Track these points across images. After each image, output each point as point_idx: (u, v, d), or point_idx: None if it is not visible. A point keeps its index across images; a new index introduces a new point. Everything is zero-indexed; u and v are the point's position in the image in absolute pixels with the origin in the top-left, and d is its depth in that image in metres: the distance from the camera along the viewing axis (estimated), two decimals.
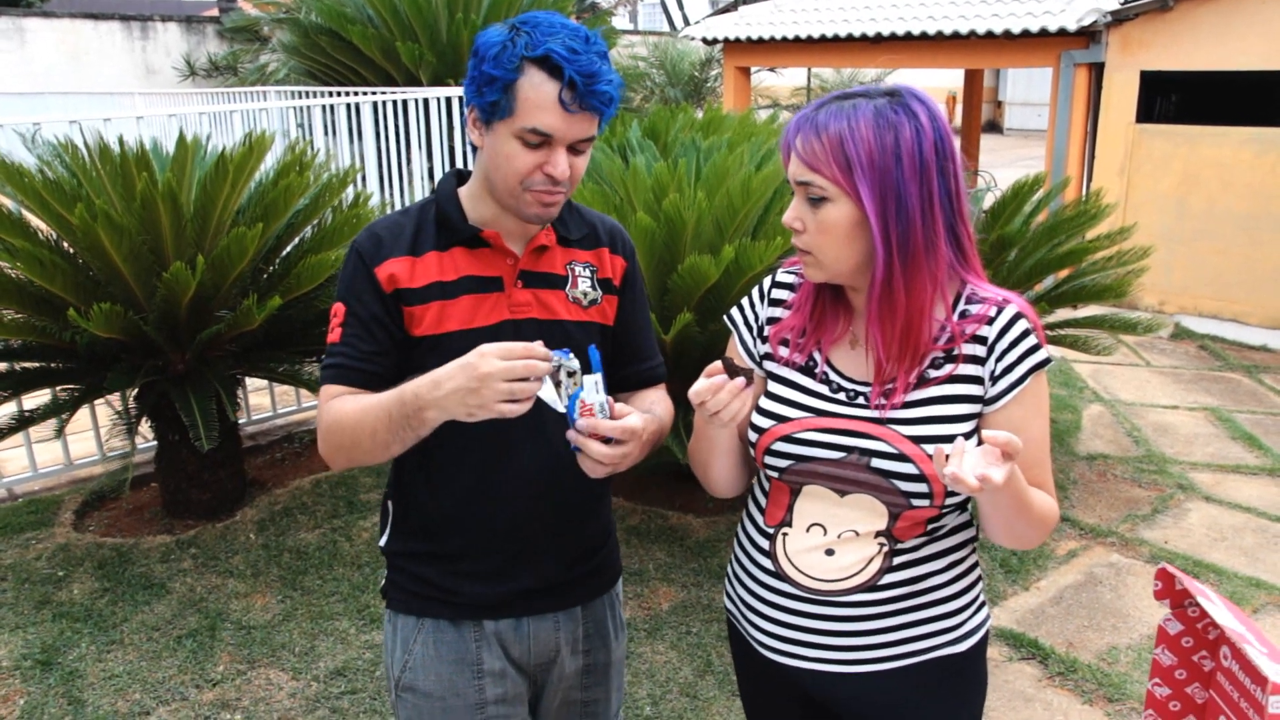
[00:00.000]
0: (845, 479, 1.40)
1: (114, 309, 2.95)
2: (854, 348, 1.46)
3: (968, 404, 1.39)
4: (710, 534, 3.93)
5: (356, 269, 1.53)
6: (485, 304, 1.53)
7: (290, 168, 3.50)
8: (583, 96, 1.39)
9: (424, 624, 1.61)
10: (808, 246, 1.39)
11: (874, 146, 1.31)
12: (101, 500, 4.14)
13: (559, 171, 1.44)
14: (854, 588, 1.43)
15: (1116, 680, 3.16)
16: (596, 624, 1.72)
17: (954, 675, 1.51)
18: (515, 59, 1.39)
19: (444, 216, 1.54)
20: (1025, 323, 1.39)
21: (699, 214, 3.33)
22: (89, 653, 3.11)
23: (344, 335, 1.52)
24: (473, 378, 1.31)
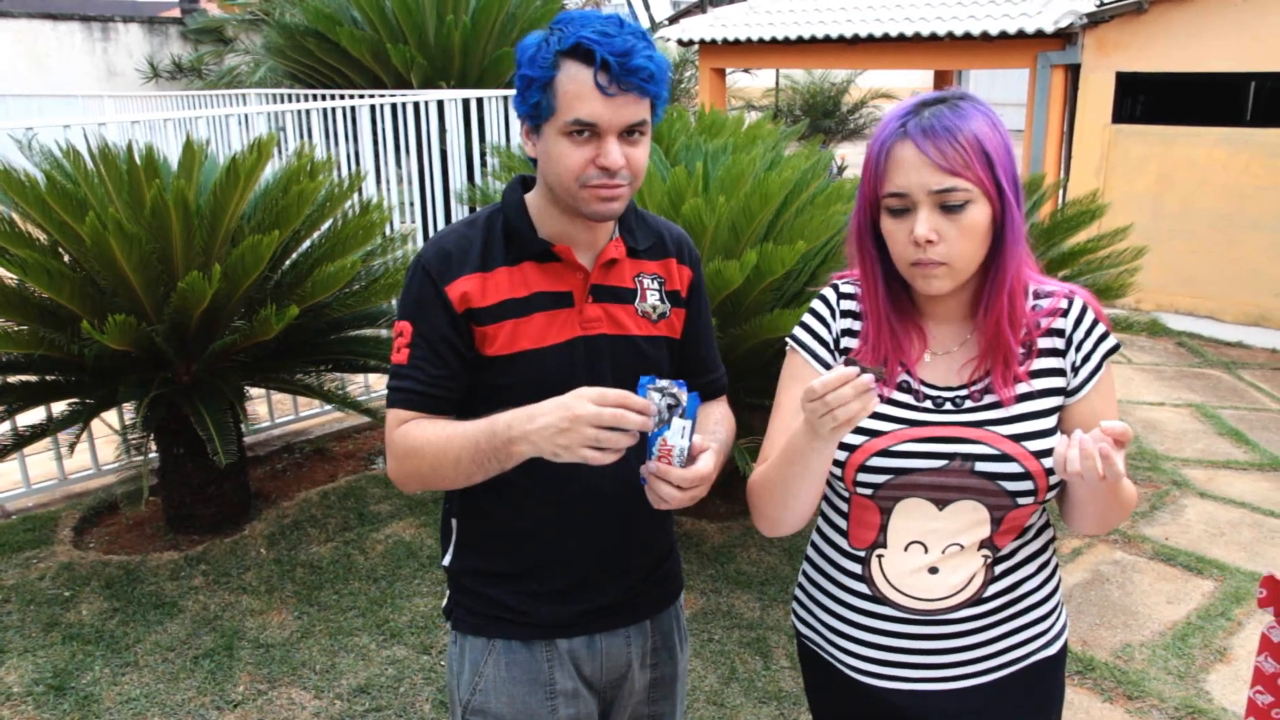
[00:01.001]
0: (948, 487, 1.38)
1: (128, 321, 2.87)
2: (932, 359, 1.44)
3: (1054, 397, 1.40)
4: (725, 539, 3.91)
5: (424, 287, 1.47)
6: (557, 320, 1.49)
7: (299, 172, 3.43)
8: (619, 77, 1.35)
9: (494, 645, 1.57)
10: (944, 257, 1.33)
11: (999, 143, 1.33)
12: (100, 516, 4.03)
13: (611, 161, 1.39)
14: (960, 603, 1.42)
15: (1134, 678, 3.19)
16: (664, 636, 1.69)
17: (1047, 678, 1.51)
18: (550, 56, 1.37)
19: (512, 229, 1.50)
20: (1093, 312, 1.41)
21: (718, 219, 3.31)
22: (103, 676, 3.02)
23: (412, 358, 1.48)
24: (565, 418, 1.29)
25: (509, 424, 1.35)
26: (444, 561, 1.64)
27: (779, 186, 3.33)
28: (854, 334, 1.49)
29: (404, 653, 3.17)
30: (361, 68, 7.51)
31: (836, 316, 1.51)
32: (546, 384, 1.47)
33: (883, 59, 9.44)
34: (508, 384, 1.48)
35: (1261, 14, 6.96)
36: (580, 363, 1.51)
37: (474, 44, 6.36)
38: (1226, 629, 3.46)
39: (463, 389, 1.50)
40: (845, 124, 15.00)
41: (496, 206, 1.55)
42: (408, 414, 1.48)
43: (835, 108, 15.01)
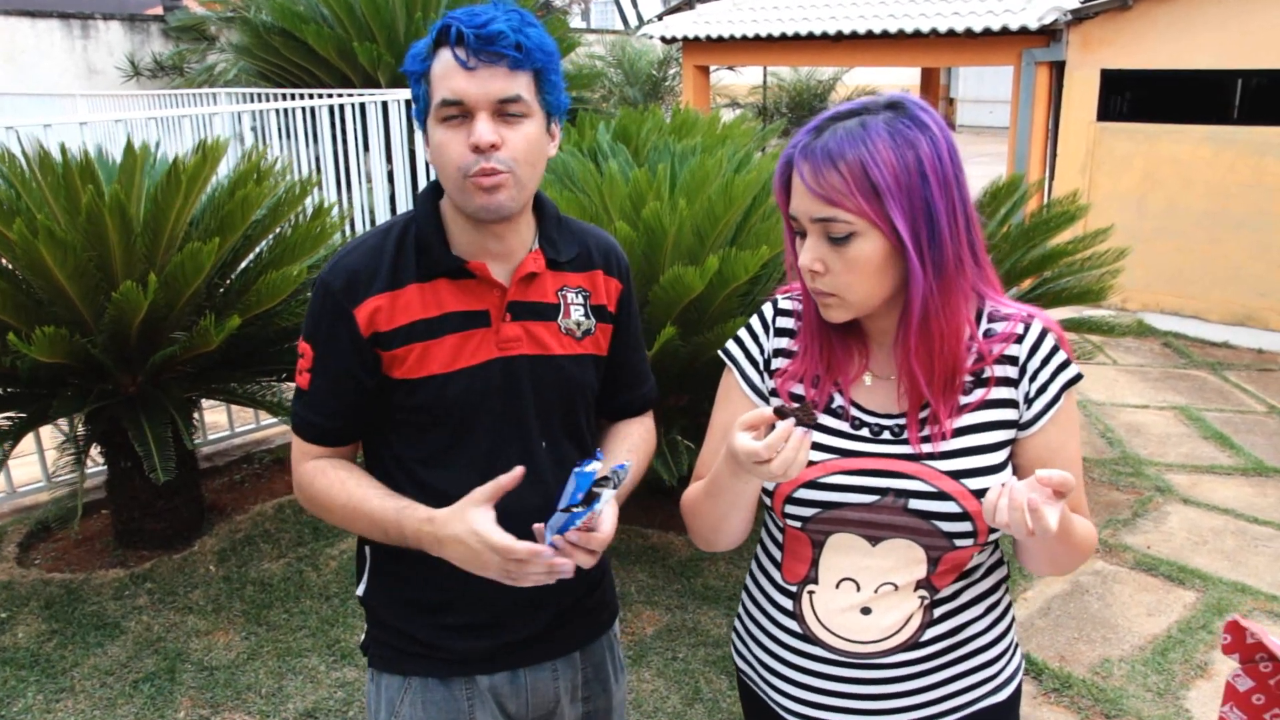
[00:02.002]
0: (879, 524, 1.28)
1: (58, 332, 2.74)
2: (873, 381, 1.33)
3: (1003, 430, 1.28)
4: (692, 553, 3.80)
5: (327, 310, 1.39)
6: (471, 341, 1.40)
7: (247, 176, 3.30)
8: (477, 49, 1.27)
9: (410, 683, 1.48)
10: (832, 289, 1.23)
11: (898, 168, 1.17)
12: (48, 530, 3.90)
13: (481, 138, 1.28)
14: (894, 647, 1.32)
15: (1112, 695, 3.10)
16: (596, 668, 1.60)
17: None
18: (424, 48, 1.33)
19: (424, 242, 1.40)
20: (1053, 338, 1.29)
21: (680, 222, 3.20)
22: (36, 703, 2.89)
23: (312, 384, 1.43)
24: (471, 558, 1.29)
25: (417, 535, 1.34)
26: (358, 591, 1.56)
27: (744, 189, 3.22)
28: (787, 354, 1.38)
29: (354, 674, 3.06)
30: (330, 66, 7.39)
31: (770, 334, 1.41)
32: (457, 408, 1.40)
33: (867, 56, 9.35)
34: (416, 406, 1.41)
35: (1247, 10, 6.88)
36: (496, 386, 1.42)
37: None
38: (1208, 643, 3.37)
39: (364, 417, 1.46)
40: None
41: (408, 215, 1.45)
42: (310, 446, 1.46)
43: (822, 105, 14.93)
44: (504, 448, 1.43)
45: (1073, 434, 1.30)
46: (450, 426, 1.42)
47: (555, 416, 1.48)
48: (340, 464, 1.45)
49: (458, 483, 1.40)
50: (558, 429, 1.48)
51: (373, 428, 1.48)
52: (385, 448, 1.47)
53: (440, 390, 1.39)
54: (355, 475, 1.43)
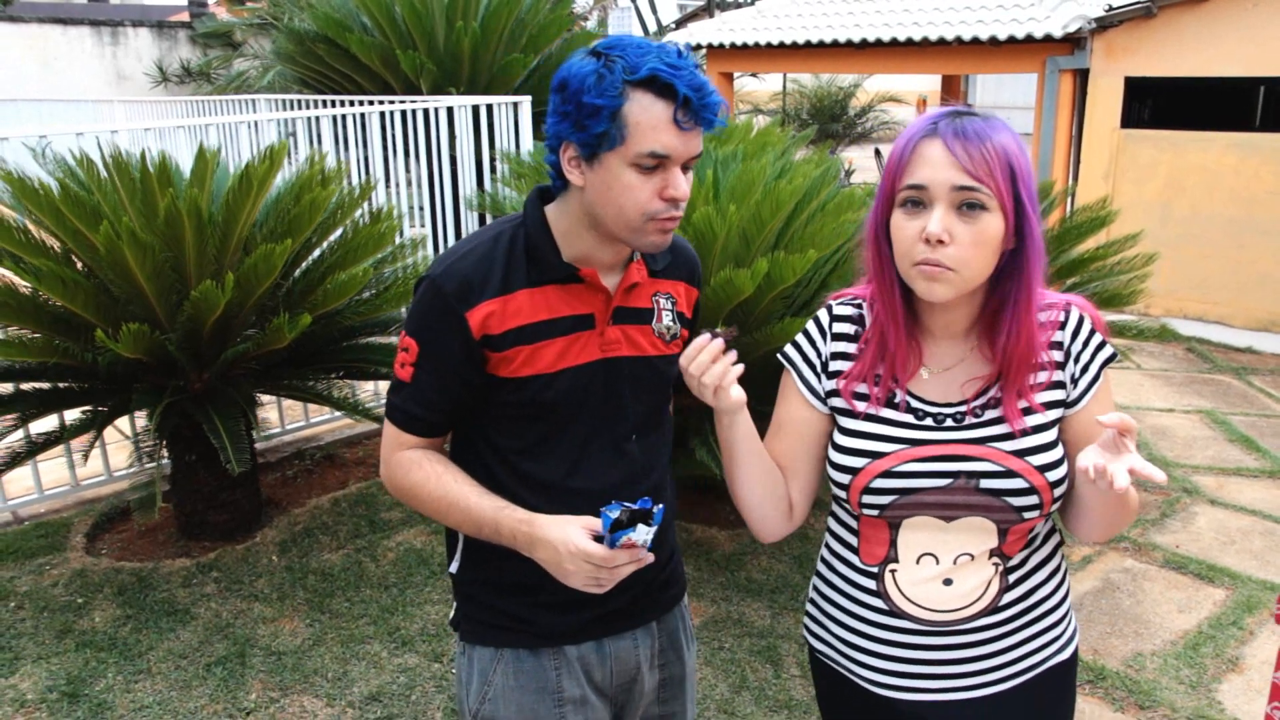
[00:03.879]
0: (954, 504, 1.39)
1: (142, 329, 2.88)
2: (930, 375, 1.45)
3: (1057, 410, 1.41)
4: (735, 547, 3.91)
5: (441, 311, 1.46)
6: (577, 343, 1.50)
7: (310, 180, 3.44)
8: (697, 112, 1.36)
9: (503, 654, 1.58)
10: (953, 261, 1.32)
11: (1023, 161, 1.33)
12: (112, 522, 4.04)
13: (682, 192, 1.40)
14: (978, 613, 1.43)
15: (1146, 687, 3.18)
16: (670, 637, 1.71)
17: (1060, 683, 1.53)
18: (618, 85, 1.35)
19: (535, 249, 1.48)
20: (1090, 322, 1.42)
21: (729, 227, 3.31)
22: (116, 683, 3.03)
23: (416, 379, 1.49)
24: (559, 565, 1.41)
25: (513, 534, 1.45)
26: (451, 569, 1.65)
27: (789, 194, 3.33)
28: (846, 356, 1.49)
29: (415, 660, 3.18)
30: (371, 73, 7.52)
31: (828, 339, 1.51)
32: (561, 405, 1.51)
33: (890, 63, 9.44)
34: (522, 402, 1.50)
35: (1272, 19, 6.95)
36: (599, 385, 1.53)
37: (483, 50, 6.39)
38: (1238, 638, 3.45)
39: (463, 412, 1.54)
40: (853, 128, 15.02)
41: (516, 220, 1.53)
42: (407, 436, 1.53)
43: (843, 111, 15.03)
44: (597, 439, 1.54)
45: (1110, 407, 1.42)
46: (551, 421, 1.52)
47: (645, 410, 1.60)
48: (436, 457, 1.53)
49: (551, 472, 1.53)
50: (647, 423, 1.61)
51: (470, 422, 1.55)
52: (481, 438, 1.56)
53: (546, 388, 1.48)
54: (452, 470, 1.51)
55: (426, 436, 1.53)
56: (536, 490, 1.52)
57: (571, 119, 1.38)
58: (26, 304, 3.13)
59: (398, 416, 1.52)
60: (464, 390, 1.50)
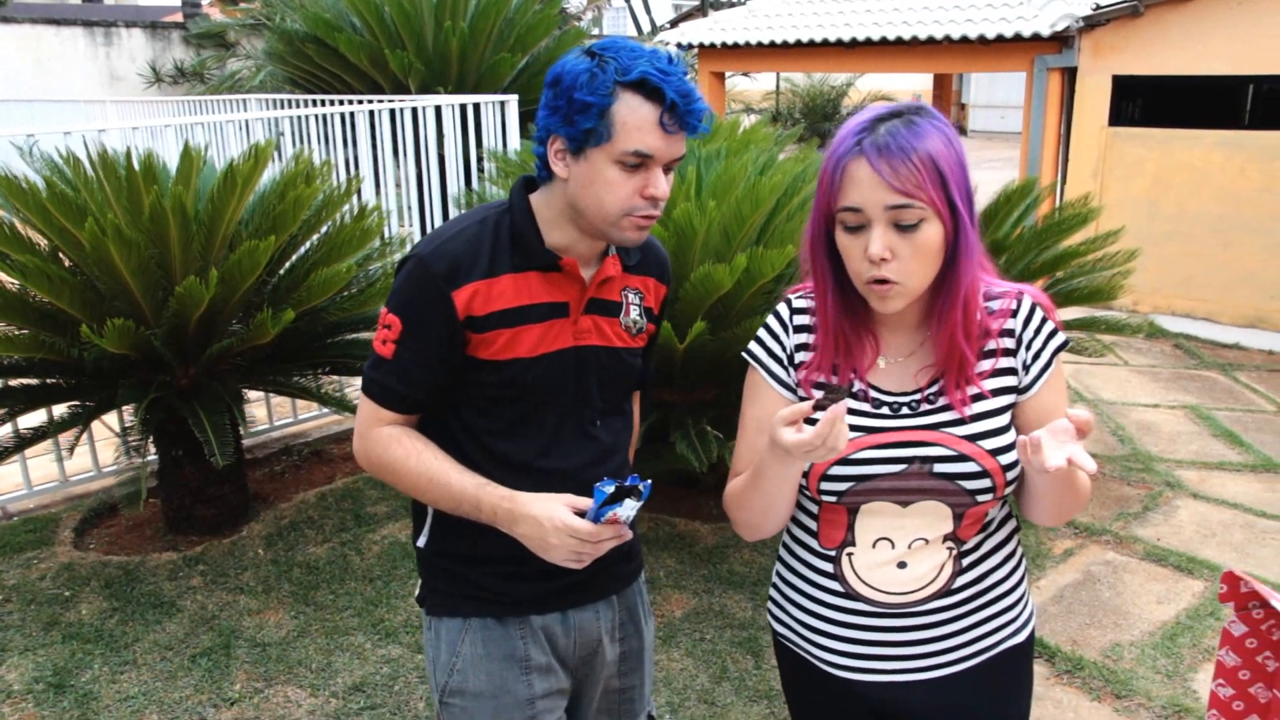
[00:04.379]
0: (909, 489, 1.42)
1: (126, 325, 2.91)
2: (887, 365, 1.48)
3: (1008, 395, 1.45)
4: (718, 540, 3.95)
5: (427, 289, 1.49)
6: (552, 330, 1.55)
7: (295, 178, 3.47)
8: (683, 116, 1.42)
9: (470, 624, 1.63)
10: (898, 276, 1.35)
11: (953, 161, 1.35)
12: (100, 517, 4.08)
13: (661, 192, 1.46)
14: (931, 595, 1.46)
15: (1123, 676, 3.22)
16: (629, 611, 1.76)
17: (1016, 665, 1.57)
18: (609, 84, 1.40)
19: (520, 236, 1.53)
20: (1042, 311, 1.46)
21: (709, 223, 3.35)
22: (102, 674, 3.06)
23: (398, 354, 1.52)
24: (542, 539, 1.45)
25: (493, 511, 1.49)
26: (418, 543, 1.68)
27: (769, 191, 3.37)
28: (808, 347, 1.52)
29: (399, 651, 3.21)
30: (360, 73, 7.55)
31: (790, 331, 1.54)
32: (537, 388, 1.56)
33: (880, 62, 9.49)
34: (499, 384, 1.54)
35: (1258, 17, 7.00)
36: (570, 372, 1.58)
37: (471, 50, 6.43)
38: (1215, 628, 3.49)
39: (441, 390, 1.56)
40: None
41: (502, 207, 1.58)
42: (387, 414, 1.55)
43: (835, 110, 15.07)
44: (567, 423, 1.60)
45: (1063, 394, 1.47)
46: (527, 404, 1.57)
47: (610, 398, 1.66)
48: (414, 434, 1.56)
49: (524, 452, 1.57)
50: (610, 409, 1.67)
51: (445, 402, 1.59)
52: (455, 419, 1.59)
53: (525, 372, 1.53)
54: (431, 448, 1.54)
55: (404, 413, 1.56)
56: (509, 470, 1.55)
57: (562, 114, 1.43)
58: (13, 300, 3.17)
59: (376, 391, 1.55)
60: (444, 369, 1.53)
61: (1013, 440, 1.43)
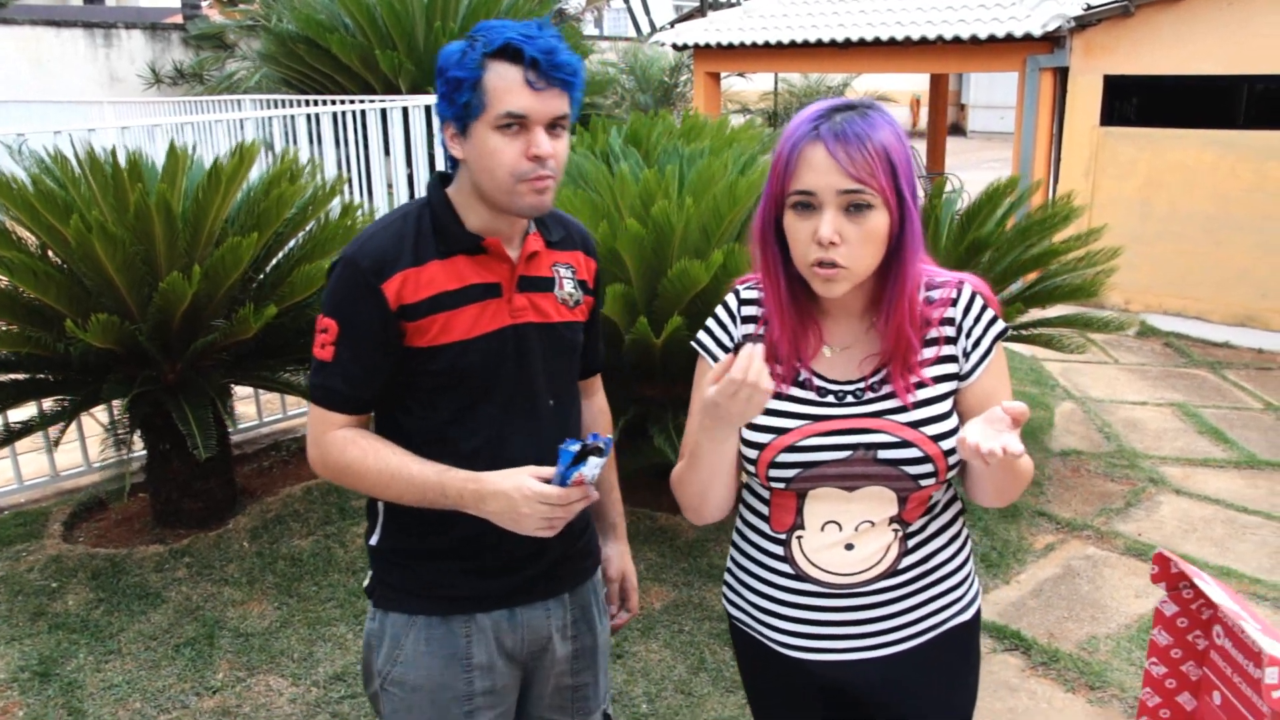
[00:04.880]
0: (854, 475, 1.46)
1: (110, 320, 2.96)
2: (832, 354, 1.52)
3: (950, 382, 1.49)
4: (699, 534, 3.99)
5: (357, 286, 1.52)
6: (488, 311, 1.58)
7: (280, 177, 3.52)
8: (547, 72, 1.46)
9: (416, 620, 1.63)
10: (846, 260, 1.39)
11: (903, 155, 1.41)
12: (90, 511, 4.13)
13: (543, 149, 1.48)
14: (877, 576, 1.50)
15: (1097, 669, 3.26)
16: (582, 609, 1.77)
17: (962, 643, 1.61)
18: (477, 58, 1.46)
19: (441, 224, 1.57)
20: (982, 299, 1.51)
21: (687, 220, 3.39)
22: (87, 663, 3.11)
23: (337, 356, 1.53)
24: (513, 511, 1.46)
25: (460, 494, 1.50)
26: (371, 541, 1.69)
27: (747, 189, 3.41)
28: (754, 338, 1.56)
29: None
30: (352, 74, 7.61)
31: (738, 322, 1.59)
32: (478, 371, 1.58)
33: (875, 62, 9.53)
34: (439, 370, 1.56)
35: (1248, 17, 7.03)
36: (511, 350, 1.60)
37: None
38: None
39: (384, 385, 1.58)
40: None
41: (421, 202, 1.62)
42: (338, 417, 1.57)
43: None
44: (515, 405, 1.62)
45: (1004, 379, 1.51)
46: (470, 389, 1.58)
47: (557, 375, 1.68)
48: (367, 434, 1.57)
49: (473, 440, 1.59)
50: (559, 386, 1.69)
51: (390, 398, 1.60)
52: (404, 415, 1.61)
53: (462, 354, 1.55)
54: (387, 444, 1.55)
55: (354, 413, 1.58)
56: (463, 462, 1.56)
57: (445, 97, 1.49)
58: (2, 297, 3.22)
59: (321, 396, 1.56)
60: (385, 364, 1.55)
61: (954, 426, 1.47)
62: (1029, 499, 4.54)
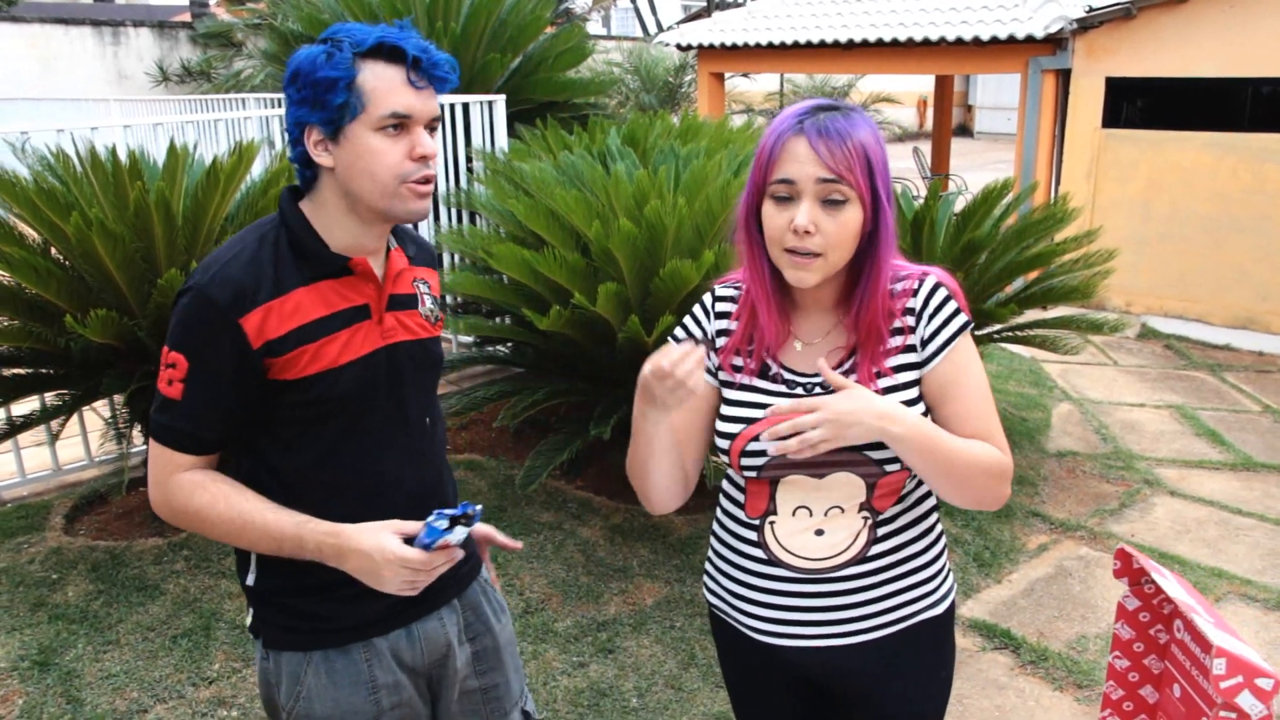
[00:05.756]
0: (821, 462, 1.50)
1: (110, 315, 3.01)
2: (802, 347, 1.56)
3: (910, 371, 1.53)
4: (691, 531, 4.02)
5: (211, 321, 1.41)
6: (359, 334, 1.51)
7: (280, 175, 3.57)
8: (428, 70, 1.43)
9: (311, 656, 1.56)
10: (821, 249, 1.44)
11: (880, 157, 1.46)
12: (91, 504, 4.17)
13: (430, 150, 1.44)
14: (846, 562, 1.54)
15: (1085, 667, 3.28)
16: (475, 610, 1.73)
17: (934, 636, 1.64)
18: (348, 58, 1.40)
19: (302, 246, 1.47)
20: (944, 291, 1.53)
21: (679, 220, 3.43)
22: (86, 653, 3.16)
23: (186, 394, 1.42)
24: (374, 571, 1.41)
25: (318, 547, 1.43)
26: (247, 581, 1.59)
27: (740, 189, 3.43)
28: (728, 334, 1.61)
29: None
30: None
31: (711, 318, 1.64)
32: (352, 398, 1.52)
33: (878, 63, 9.55)
34: (304, 402, 1.49)
35: (1249, 20, 7.04)
36: (383, 373, 1.55)
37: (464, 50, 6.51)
38: None
39: (238, 424, 1.49)
40: None
41: (273, 221, 1.52)
42: (182, 457, 1.46)
43: None
44: (390, 425, 1.57)
45: (967, 369, 1.52)
46: (344, 418, 1.51)
47: (426, 392, 1.65)
48: (219, 477, 1.47)
49: (349, 466, 1.53)
50: (429, 401, 1.66)
51: (254, 432, 1.50)
52: (270, 447, 1.51)
53: (334, 383, 1.48)
54: (239, 489, 1.46)
55: (202, 454, 1.47)
56: (339, 490, 1.52)
57: (309, 101, 1.41)
58: (4, 292, 3.27)
59: (168, 436, 1.45)
60: (239, 403, 1.45)
61: (918, 414, 1.49)
62: (1023, 499, 4.57)
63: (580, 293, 3.40)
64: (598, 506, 4.21)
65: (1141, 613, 1.51)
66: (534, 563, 3.77)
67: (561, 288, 3.52)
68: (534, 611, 3.47)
